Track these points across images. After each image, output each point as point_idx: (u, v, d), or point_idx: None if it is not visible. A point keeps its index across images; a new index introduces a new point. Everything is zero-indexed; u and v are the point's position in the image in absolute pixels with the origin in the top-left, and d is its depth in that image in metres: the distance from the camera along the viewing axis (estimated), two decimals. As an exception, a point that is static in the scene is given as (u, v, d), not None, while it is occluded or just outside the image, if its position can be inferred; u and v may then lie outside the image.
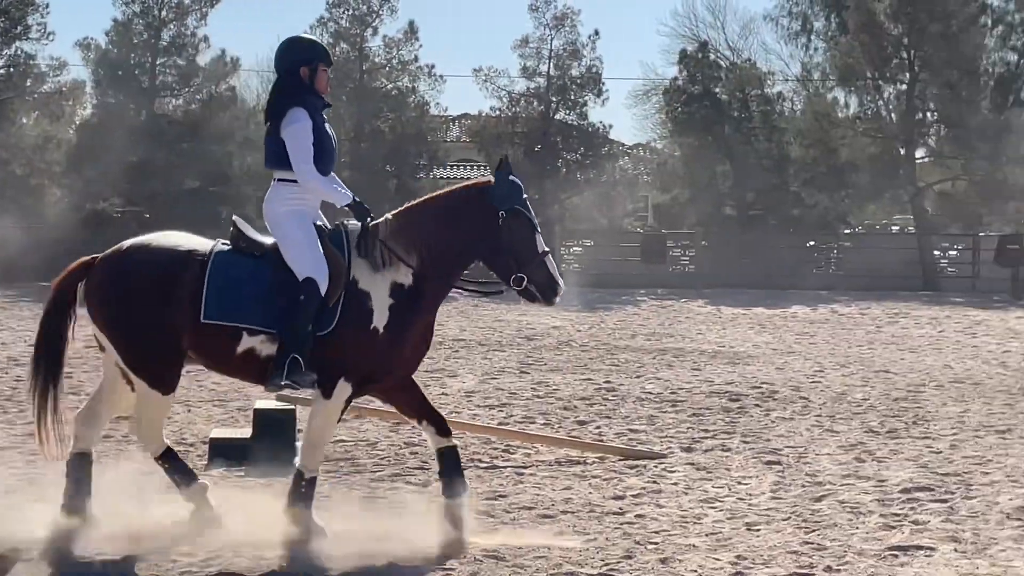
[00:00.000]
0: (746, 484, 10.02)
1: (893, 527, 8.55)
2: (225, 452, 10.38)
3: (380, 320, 7.97)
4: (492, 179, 8.12)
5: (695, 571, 7.53)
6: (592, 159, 43.44)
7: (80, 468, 8.16)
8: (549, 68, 43.33)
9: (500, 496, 9.43)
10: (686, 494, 9.61)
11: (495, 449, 11.34)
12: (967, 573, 7.47)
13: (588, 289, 31.96)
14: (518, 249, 8.03)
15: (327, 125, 8.21)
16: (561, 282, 8.15)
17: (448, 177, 48.49)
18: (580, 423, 12.95)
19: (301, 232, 8.00)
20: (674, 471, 10.45)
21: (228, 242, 8.12)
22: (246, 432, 10.75)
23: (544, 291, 8.09)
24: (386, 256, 8.02)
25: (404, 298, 8.01)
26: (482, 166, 46.81)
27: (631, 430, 12.48)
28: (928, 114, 43.67)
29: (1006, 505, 9.16)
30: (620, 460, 10.84)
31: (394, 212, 8.23)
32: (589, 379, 16.54)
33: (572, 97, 43.39)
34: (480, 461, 10.83)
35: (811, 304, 32.15)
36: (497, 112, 43.90)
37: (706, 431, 12.51)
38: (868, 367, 18.45)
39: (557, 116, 43.49)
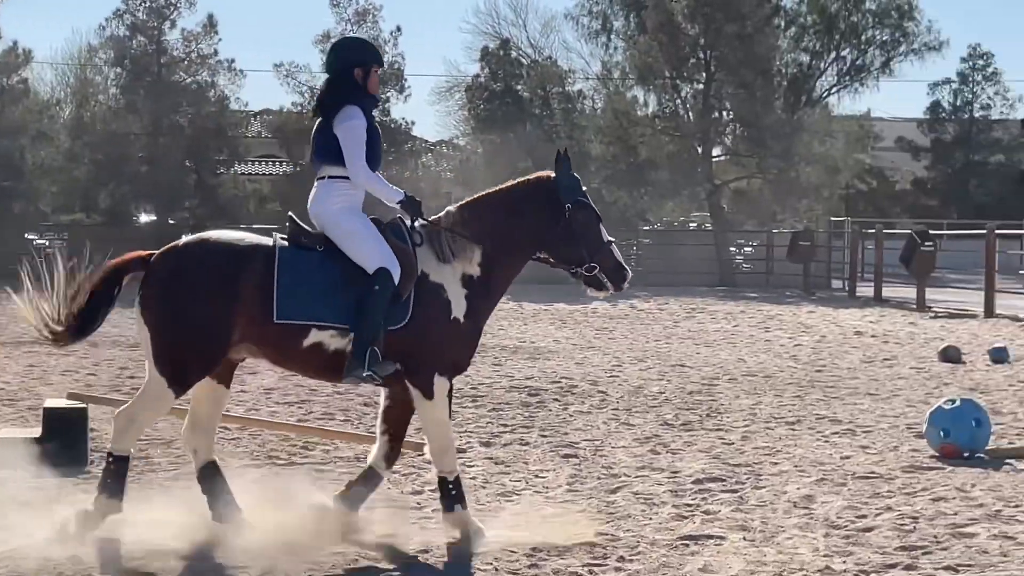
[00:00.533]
0: (543, 477, 10.12)
1: (685, 517, 8.72)
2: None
3: (459, 310, 8.08)
4: (553, 173, 8.27)
5: (491, 563, 7.57)
6: (395, 156, 43.38)
7: (212, 478, 8.11)
8: (351, 64, 43.13)
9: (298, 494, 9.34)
10: (484, 488, 9.67)
11: (293, 446, 11.26)
12: (755, 560, 7.65)
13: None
14: (588, 239, 8.25)
15: (376, 125, 8.21)
16: (628, 268, 8.45)
17: (249, 173, 48.01)
18: (380, 419, 12.91)
19: (361, 225, 8.02)
20: (473, 465, 10.50)
21: (286, 238, 8.05)
22: (36, 431, 10.47)
23: (614, 277, 8.35)
24: (453, 247, 8.12)
25: (475, 287, 8.15)
26: (284, 161, 46.43)
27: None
28: (724, 113, 44.66)
29: (793, 494, 9.43)
30: (419, 456, 10.85)
31: (457, 204, 8.36)
32: (390, 375, 16.50)
33: (374, 93, 43.30)
34: (278, 458, 10.74)
35: (611, 300, 32.58)
36: (299, 107, 43.58)
37: (505, 426, 12.61)
38: (665, 361, 18.78)
39: (360, 112, 43.33)
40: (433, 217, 8.22)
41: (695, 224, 48.31)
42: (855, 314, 28.73)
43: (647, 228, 44.54)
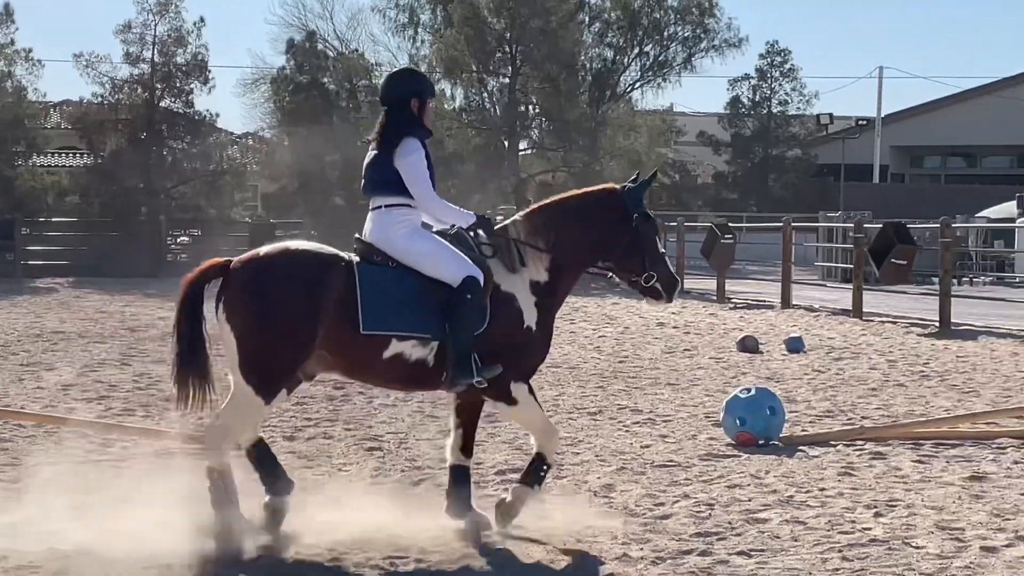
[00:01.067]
0: (347, 471, 10.11)
1: (486, 508, 8.79)
2: None
3: (531, 318, 8.27)
4: (617, 185, 8.64)
5: (292, 557, 7.55)
6: (199, 147, 42.85)
7: (264, 455, 8.18)
8: (153, 55, 42.45)
9: (98, 490, 9.19)
10: (287, 483, 9.61)
11: (92, 443, 11.05)
12: (554, 549, 7.76)
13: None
14: (649, 250, 8.55)
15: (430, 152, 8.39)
16: (679, 279, 8.91)
17: (48, 165, 46.83)
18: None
19: (433, 243, 8.21)
20: (276, 460, 10.42)
21: (356, 256, 8.16)
22: None
23: (668, 288, 8.66)
24: (523, 255, 8.31)
25: (543, 295, 8.35)
26: (84, 153, 45.41)
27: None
28: (530, 107, 44.96)
29: (594, 483, 9.58)
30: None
31: (522, 213, 8.57)
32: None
33: (178, 84, 42.68)
34: (75, 455, 10.54)
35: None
36: (99, 99, 42.71)
37: (309, 419, 12.56)
38: (470, 353, 18.85)
39: (162, 103, 42.70)
40: (499, 226, 8.41)
41: (501, 217, 48.53)
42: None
43: (454, 221, 44.66)
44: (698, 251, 32.34)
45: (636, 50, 48.73)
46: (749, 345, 19.65)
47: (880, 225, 26.56)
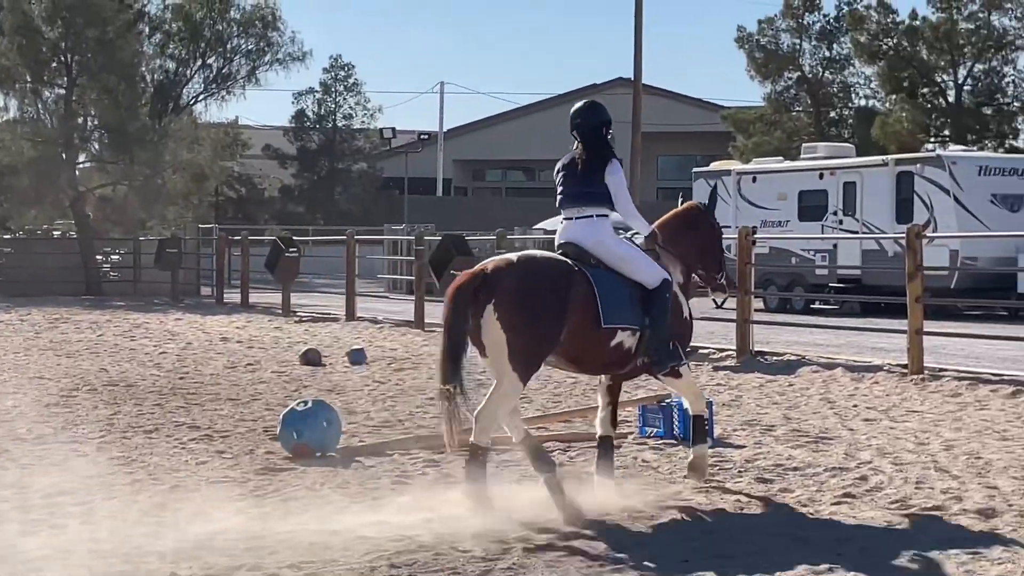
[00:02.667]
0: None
1: (31, 533, 8.48)
2: None
3: (687, 309, 10.23)
4: (701, 203, 10.72)
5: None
6: None
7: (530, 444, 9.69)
8: None
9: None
10: None
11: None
12: (101, 573, 7.55)
13: None
14: (722, 255, 10.82)
15: None
16: None
17: None
18: None
19: (634, 249, 9.96)
20: None
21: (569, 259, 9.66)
22: None
23: (733, 283, 11.65)
24: (669, 261, 10.11)
25: (681, 291, 10.19)
26: None
27: None
28: (89, 119, 43.61)
29: (145, 503, 9.38)
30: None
31: (655, 225, 10.28)
32: None
33: None
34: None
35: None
36: None
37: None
38: (23, 374, 18.18)
39: None
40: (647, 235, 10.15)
41: (59, 232, 46.92)
42: (222, 320, 28.95)
43: (8, 236, 42.87)
44: (262, 265, 32.13)
45: (199, 62, 48.11)
46: (311, 358, 19.70)
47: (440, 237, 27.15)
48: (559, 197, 9.98)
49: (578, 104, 10.18)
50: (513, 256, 9.63)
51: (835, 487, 9.96)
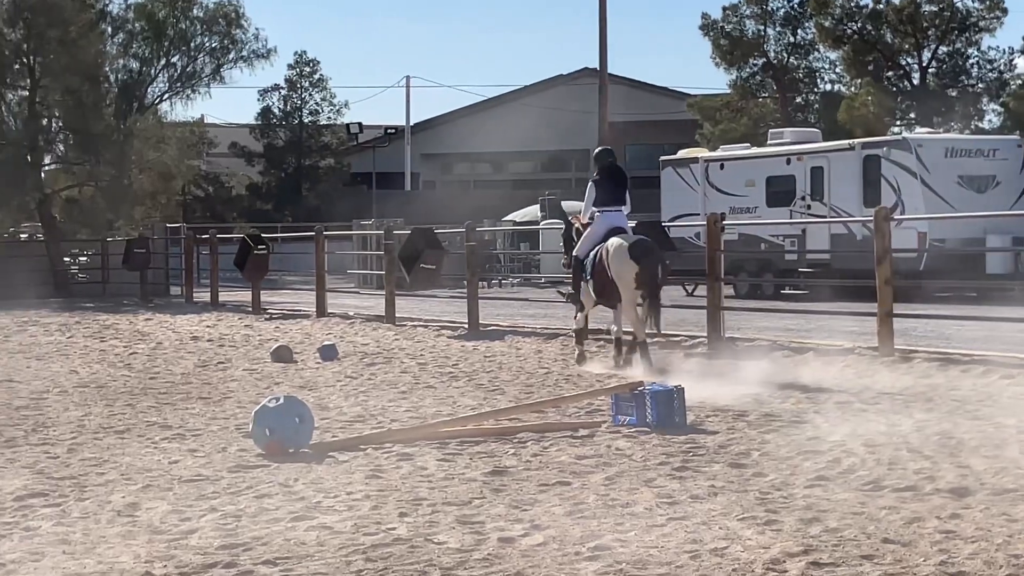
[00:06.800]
0: None
1: (3, 536, 8.42)
2: None
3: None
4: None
5: None
6: None
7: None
8: None
9: None
10: None
11: None
12: (73, 574, 7.51)
13: None
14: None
15: None
16: None
17: None
18: None
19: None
20: None
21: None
22: None
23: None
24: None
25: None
26: None
27: None
28: (53, 121, 43.38)
29: (118, 503, 9.32)
30: None
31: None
32: None
33: None
34: None
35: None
36: None
37: None
38: (-8, 378, 18.09)
39: None
40: None
41: (26, 235, 46.68)
42: (192, 319, 28.85)
43: (-26, 243, 42.63)
44: (231, 263, 32.05)
45: (163, 61, 47.84)
46: (283, 355, 19.66)
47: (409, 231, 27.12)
48: (603, 197, 17.60)
49: (600, 148, 18.81)
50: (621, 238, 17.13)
51: (808, 470, 9.98)
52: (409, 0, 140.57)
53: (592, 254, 17.33)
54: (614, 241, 16.93)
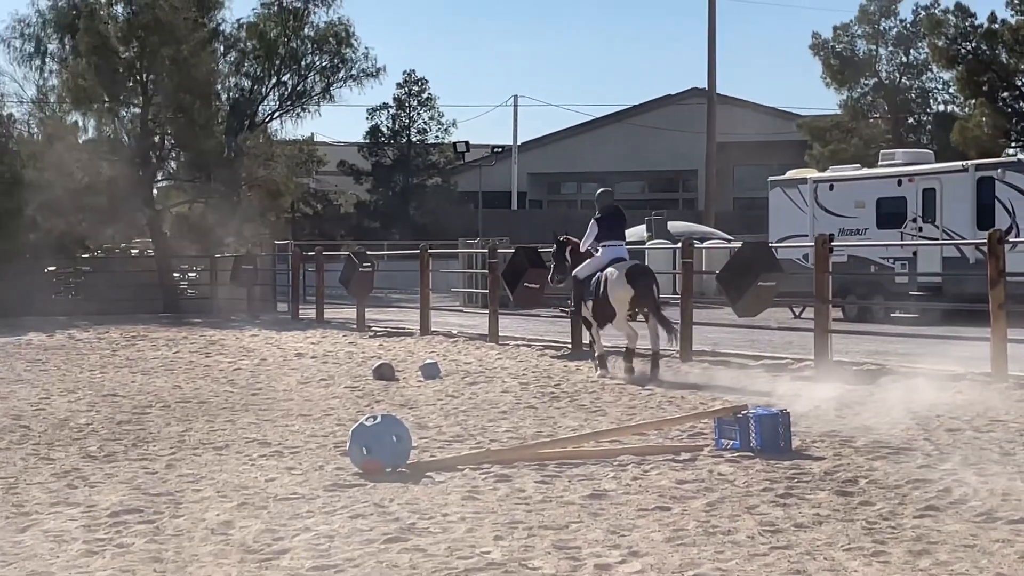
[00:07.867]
0: (-54, 522, 9.49)
1: (96, 552, 8.38)
2: None
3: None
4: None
5: None
6: None
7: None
8: None
9: None
10: None
11: None
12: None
13: None
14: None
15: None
16: None
17: None
18: None
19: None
20: None
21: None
22: None
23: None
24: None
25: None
26: None
27: None
28: (165, 138, 43.93)
29: (212, 521, 9.25)
30: None
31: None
32: None
33: None
34: None
35: (48, 331, 31.39)
36: None
37: None
38: (97, 391, 18.22)
39: None
40: None
41: (137, 250, 47.29)
42: (297, 336, 28.96)
43: (86, 255, 43.20)
44: (337, 280, 32.20)
45: (274, 80, 48.22)
46: (385, 373, 19.60)
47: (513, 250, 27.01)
48: (605, 233, 19.72)
49: (601, 190, 20.64)
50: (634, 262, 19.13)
51: (917, 499, 9.66)
52: (517, 20, 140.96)
53: (593, 280, 19.52)
54: (612, 271, 19.13)
